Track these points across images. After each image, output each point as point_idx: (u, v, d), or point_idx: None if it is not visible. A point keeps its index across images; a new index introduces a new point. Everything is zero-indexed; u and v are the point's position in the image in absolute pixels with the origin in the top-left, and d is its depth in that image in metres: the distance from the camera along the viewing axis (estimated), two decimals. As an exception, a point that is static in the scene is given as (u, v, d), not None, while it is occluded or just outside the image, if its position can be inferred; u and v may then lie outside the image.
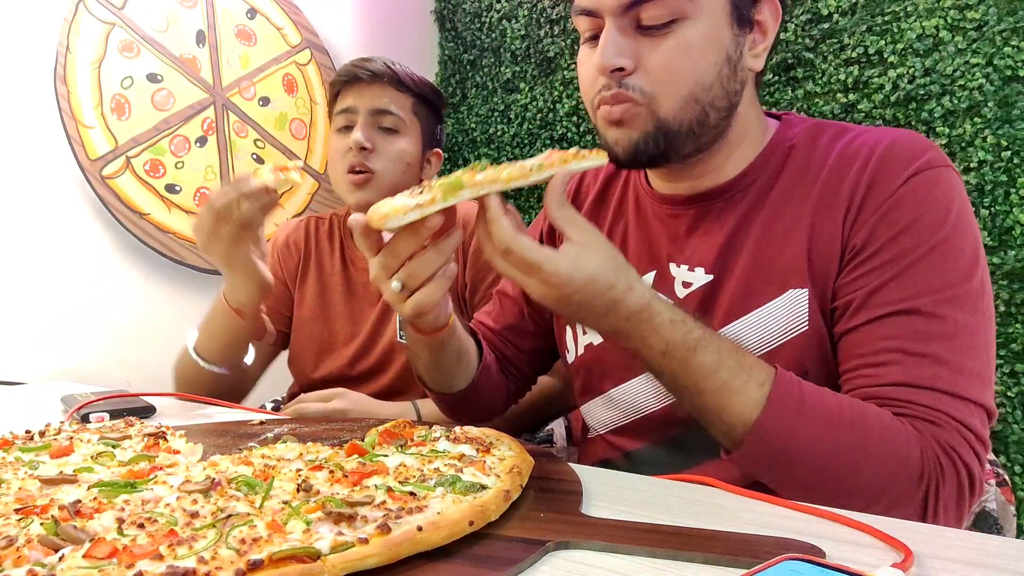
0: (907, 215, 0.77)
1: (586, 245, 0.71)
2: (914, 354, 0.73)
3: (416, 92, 1.41)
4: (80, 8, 1.91)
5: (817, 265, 0.80)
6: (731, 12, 0.80)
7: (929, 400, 0.72)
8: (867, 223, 0.78)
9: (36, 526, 0.52)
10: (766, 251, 0.83)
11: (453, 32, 2.84)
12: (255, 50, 2.28)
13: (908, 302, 0.74)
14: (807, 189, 0.83)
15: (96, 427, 0.87)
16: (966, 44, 1.79)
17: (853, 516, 0.57)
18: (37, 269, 1.81)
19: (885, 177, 0.78)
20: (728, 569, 0.48)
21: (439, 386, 1.00)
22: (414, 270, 0.73)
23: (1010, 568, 0.48)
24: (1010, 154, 1.74)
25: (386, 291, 0.75)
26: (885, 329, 0.75)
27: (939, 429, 0.71)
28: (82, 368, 1.86)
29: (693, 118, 0.81)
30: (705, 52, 0.79)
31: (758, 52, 0.83)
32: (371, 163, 1.36)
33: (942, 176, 0.79)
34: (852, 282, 0.78)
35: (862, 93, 1.95)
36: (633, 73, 0.79)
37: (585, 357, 0.98)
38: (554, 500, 0.63)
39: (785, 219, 0.83)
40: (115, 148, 1.97)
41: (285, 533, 0.50)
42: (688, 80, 0.79)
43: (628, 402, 0.93)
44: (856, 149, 0.82)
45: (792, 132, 0.88)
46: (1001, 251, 1.76)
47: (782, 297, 0.81)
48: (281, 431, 0.91)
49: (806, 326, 0.80)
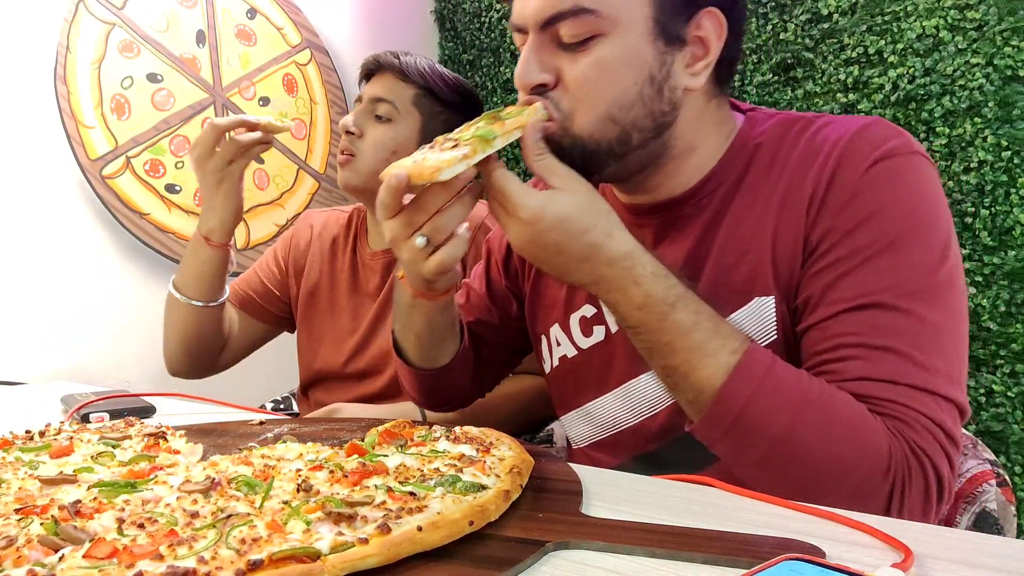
0: (867, 207, 0.73)
1: (563, 188, 0.72)
2: (877, 348, 0.70)
3: (420, 84, 1.41)
4: (80, 8, 1.91)
5: (781, 269, 0.77)
6: (654, 30, 0.76)
7: (894, 395, 0.69)
8: (826, 217, 0.75)
9: (36, 526, 0.52)
10: (730, 257, 0.80)
11: (453, 32, 2.84)
12: (255, 50, 2.28)
13: (869, 296, 0.71)
14: (771, 189, 0.79)
15: (96, 427, 0.87)
16: (966, 44, 1.79)
17: (853, 516, 0.57)
18: (37, 269, 1.81)
19: (846, 169, 0.75)
20: (728, 569, 0.48)
21: (424, 360, 0.98)
22: (440, 224, 0.73)
23: (1010, 568, 0.48)
24: (1010, 154, 1.74)
25: (408, 250, 0.75)
26: (844, 324, 0.72)
27: (908, 428, 0.68)
28: (82, 368, 1.86)
29: (612, 138, 0.78)
30: (623, 71, 0.76)
31: (697, 69, 0.79)
32: (355, 146, 1.38)
33: (907, 164, 0.75)
34: (811, 278, 0.75)
35: (862, 93, 1.95)
36: (554, 90, 0.78)
37: (560, 370, 0.97)
38: (554, 500, 0.63)
39: (749, 222, 0.80)
40: (115, 148, 1.97)
41: (285, 533, 0.50)
42: (604, 99, 0.77)
43: (603, 417, 0.91)
44: (820, 142, 0.78)
45: (757, 130, 0.84)
46: (1001, 251, 1.76)
47: (748, 306, 0.78)
48: (281, 431, 0.91)
49: (775, 335, 0.77)
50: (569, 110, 0.78)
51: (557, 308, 0.97)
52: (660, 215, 0.87)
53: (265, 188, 2.29)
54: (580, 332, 0.93)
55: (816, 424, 0.68)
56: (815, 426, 0.68)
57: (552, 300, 0.98)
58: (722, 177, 0.84)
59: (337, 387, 1.45)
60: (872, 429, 0.68)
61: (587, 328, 0.93)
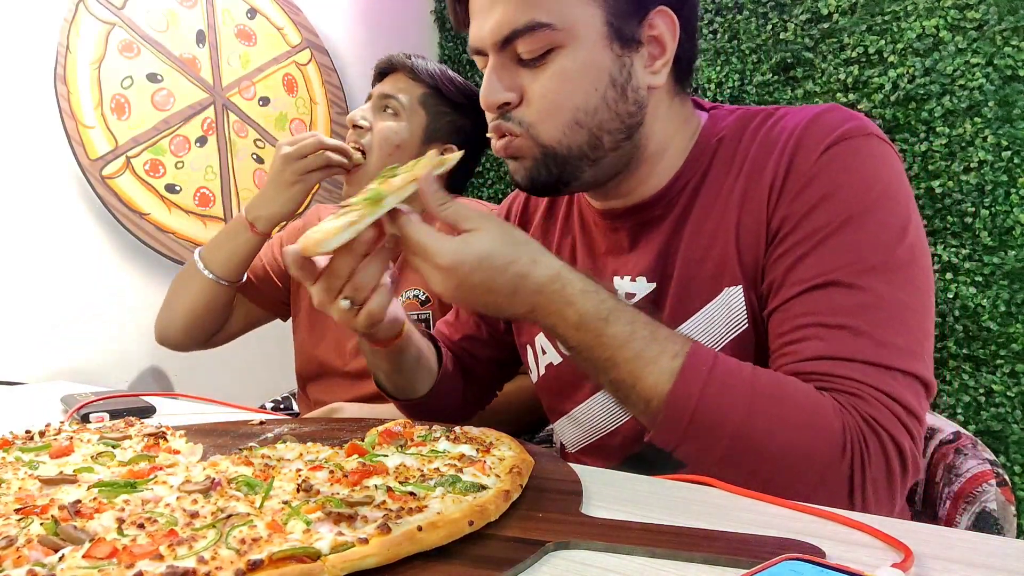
0: (822, 188, 0.74)
1: (476, 229, 0.71)
2: (833, 327, 0.70)
3: (429, 84, 1.44)
4: (80, 8, 1.91)
5: (746, 258, 0.78)
6: (609, 35, 0.78)
7: (850, 372, 0.69)
8: (784, 203, 0.76)
9: (36, 526, 0.52)
10: (698, 251, 0.82)
11: (453, 32, 2.84)
12: (255, 50, 2.28)
13: (825, 276, 0.72)
14: (733, 182, 0.81)
15: (96, 427, 0.87)
16: (966, 44, 1.79)
17: (853, 516, 0.57)
18: (37, 269, 1.81)
19: (801, 155, 0.76)
20: (728, 569, 0.48)
21: (400, 392, 1.00)
22: (359, 283, 0.73)
23: (1010, 568, 0.48)
24: (1010, 154, 1.74)
25: (336, 312, 0.75)
26: (802, 305, 0.72)
27: (862, 401, 0.68)
28: (82, 368, 1.86)
29: (583, 142, 0.80)
30: (583, 78, 0.78)
31: (656, 68, 0.81)
32: (363, 140, 1.42)
33: (862, 145, 0.76)
34: (773, 263, 0.76)
35: (862, 93, 1.95)
36: (519, 107, 0.80)
37: (547, 377, 0.97)
38: (554, 500, 0.63)
39: (713, 217, 0.81)
40: (115, 148, 1.97)
41: (285, 533, 0.50)
42: (567, 107, 0.78)
43: (590, 421, 0.92)
44: (778, 133, 0.79)
45: (719, 126, 0.85)
46: (1001, 251, 1.76)
47: (719, 297, 0.80)
48: (281, 431, 0.91)
49: (746, 324, 0.78)
50: (532, 121, 0.79)
51: None
52: (634, 217, 0.88)
53: (265, 188, 2.29)
54: None
55: (769, 412, 0.68)
56: (768, 415, 0.68)
57: None
58: (688, 175, 0.85)
59: (337, 385, 1.45)
60: (823, 411, 0.67)
61: None
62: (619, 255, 0.90)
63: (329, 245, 0.69)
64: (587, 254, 0.94)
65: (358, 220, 0.69)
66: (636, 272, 0.87)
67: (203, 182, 2.15)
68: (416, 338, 0.96)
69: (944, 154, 1.84)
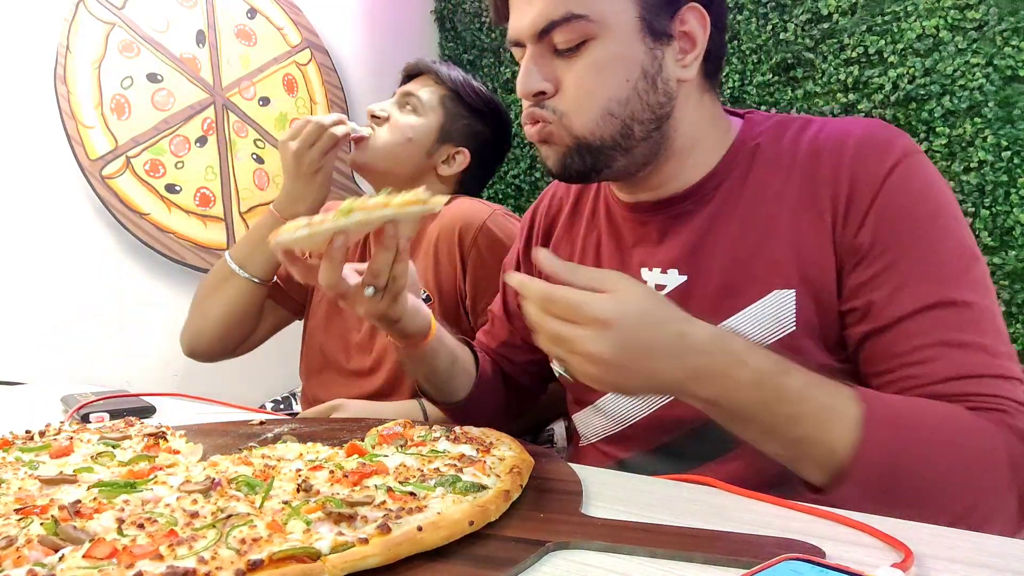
0: (903, 206, 0.77)
1: (622, 286, 0.65)
2: (954, 345, 0.72)
3: (450, 87, 1.47)
4: (80, 8, 1.91)
5: (807, 265, 0.79)
6: (642, 28, 0.80)
7: (985, 388, 0.70)
8: (863, 220, 0.77)
9: (36, 526, 0.52)
10: (743, 251, 0.83)
11: (453, 32, 2.84)
12: (255, 50, 2.28)
13: (936, 295, 0.73)
14: (781, 186, 0.83)
15: (96, 427, 0.87)
16: (966, 44, 1.79)
17: (853, 516, 0.57)
18: (37, 269, 1.81)
19: (866, 170, 0.78)
20: (728, 569, 0.48)
21: (441, 395, 1.03)
22: (376, 269, 0.79)
23: (1010, 568, 0.48)
24: (1010, 154, 1.74)
25: (362, 306, 0.82)
26: (918, 325, 0.74)
27: (1008, 416, 0.69)
28: (82, 368, 1.86)
29: (615, 132, 0.82)
30: (616, 69, 0.80)
31: (687, 62, 0.83)
32: (376, 127, 1.44)
33: (921, 162, 0.79)
34: (865, 284, 0.77)
35: (862, 93, 1.95)
36: (554, 96, 0.82)
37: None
38: (554, 500, 0.63)
39: (761, 218, 0.83)
40: (115, 148, 1.97)
41: (285, 533, 0.50)
42: (600, 97, 0.80)
43: (616, 412, 0.93)
44: (824, 142, 0.82)
45: (757, 130, 0.88)
46: (1001, 251, 1.76)
47: (768, 298, 0.81)
48: (281, 431, 0.91)
49: (793, 327, 0.79)
50: (567, 111, 0.82)
51: None
52: (664, 211, 0.89)
53: (265, 188, 2.29)
54: None
55: (949, 447, 0.67)
56: (948, 449, 0.67)
57: None
58: (725, 174, 0.87)
59: (338, 381, 1.45)
60: (986, 431, 0.68)
61: None
62: (647, 247, 0.91)
63: (281, 238, 0.76)
64: (614, 248, 0.95)
65: (317, 224, 0.74)
66: (666, 264, 0.88)
67: (203, 182, 2.15)
68: (449, 341, 0.98)
69: (944, 154, 1.84)
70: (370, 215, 0.74)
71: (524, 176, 2.69)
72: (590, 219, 1.01)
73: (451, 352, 0.98)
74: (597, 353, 0.62)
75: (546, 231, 1.07)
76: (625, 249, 0.94)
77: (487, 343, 1.14)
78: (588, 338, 0.63)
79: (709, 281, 0.84)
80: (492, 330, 1.14)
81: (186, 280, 2.10)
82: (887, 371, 0.75)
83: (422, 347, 0.93)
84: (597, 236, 0.98)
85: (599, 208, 1.00)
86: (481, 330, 1.18)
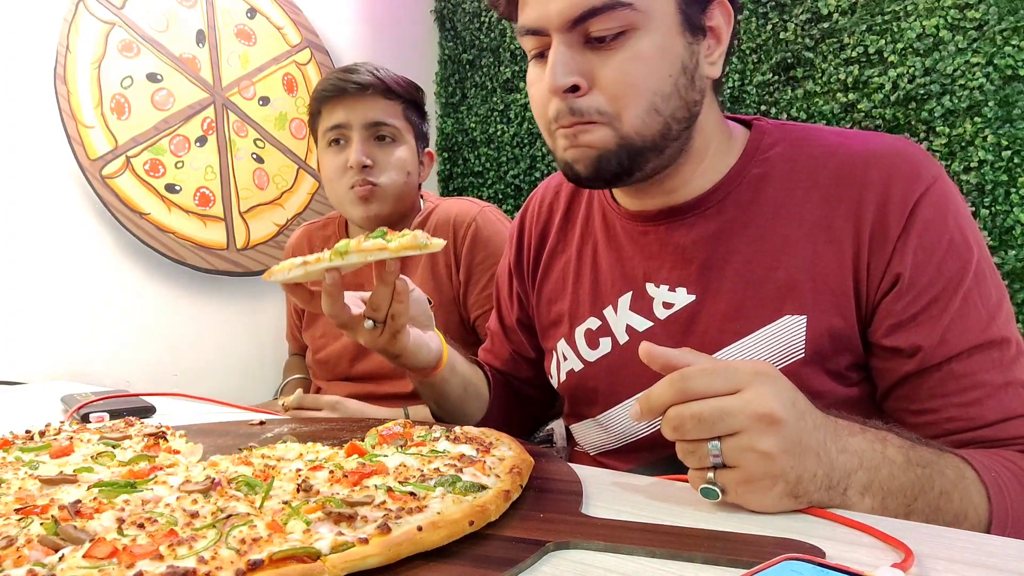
0: (940, 239, 0.74)
1: (760, 372, 0.59)
2: (999, 386, 0.72)
3: (405, 98, 1.39)
4: (80, 8, 1.91)
5: (822, 291, 0.76)
6: (682, 21, 0.76)
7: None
8: (895, 248, 0.74)
9: (36, 526, 0.52)
10: (756, 272, 0.79)
11: (453, 32, 2.84)
12: (255, 50, 2.28)
13: (981, 335, 0.72)
14: (798, 205, 0.79)
15: (96, 427, 0.87)
16: (966, 44, 1.79)
17: (853, 516, 0.57)
18: (37, 269, 1.81)
19: (895, 196, 0.75)
20: (728, 569, 0.48)
21: (454, 420, 1.01)
22: (375, 303, 0.81)
23: (1010, 568, 0.48)
24: (1010, 154, 1.74)
25: (363, 336, 0.85)
26: (964, 366, 0.73)
27: None
28: (82, 368, 1.86)
29: (657, 132, 0.77)
30: (659, 63, 0.75)
31: (714, 59, 0.80)
32: (374, 178, 1.35)
33: (948, 188, 0.77)
34: (915, 319, 0.74)
35: (862, 93, 1.95)
36: (589, 92, 0.75)
37: (568, 384, 0.96)
38: (554, 500, 0.62)
39: (775, 238, 0.79)
40: (115, 148, 1.97)
41: (285, 533, 0.50)
42: (646, 92, 0.75)
43: (617, 428, 0.91)
44: (845, 160, 0.78)
45: (768, 140, 0.84)
46: (1001, 251, 1.76)
47: (777, 323, 0.78)
48: (281, 431, 0.91)
49: (802, 354, 0.77)
50: (615, 110, 0.75)
51: (562, 324, 0.97)
52: (666, 220, 0.86)
53: (265, 188, 2.29)
54: (586, 345, 0.93)
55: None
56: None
57: (557, 316, 0.98)
58: (733, 185, 0.83)
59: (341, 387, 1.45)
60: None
61: (593, 341, 0.92)
62: (650, 260, 0.87)
63: (275, 277, 0.80)
64: (614, 259, 0.91)
65: (313, 263, 0.78)
66: (674, 281, 0.85)
67: (203, 182, 2.15)
68: (461, 368, 0.97)
69: (944, 154, 1.84)
70: (365, 258, 0.77)
71: (524, 176, 2.69)
72: (584, 226, 0.97)
73: (463, 379, 0.98)
74: (767, 451, 0.56)
75: (539, 240, 1.03)
76: (626, 259, 0.90)
77: (491, 362, 1.12)
78: (755, 438, 0.56)
79: (719, 302, 0.81)
80: (493, 348, 1.13)
81: (186, 280, 2.10)
82: (931, 410, 0.74)
83: (431, 377, 0.93)
84: (593, 245, 0.95)
85: (593, 214, 0.96)
86: (482, 348, 1.16)
